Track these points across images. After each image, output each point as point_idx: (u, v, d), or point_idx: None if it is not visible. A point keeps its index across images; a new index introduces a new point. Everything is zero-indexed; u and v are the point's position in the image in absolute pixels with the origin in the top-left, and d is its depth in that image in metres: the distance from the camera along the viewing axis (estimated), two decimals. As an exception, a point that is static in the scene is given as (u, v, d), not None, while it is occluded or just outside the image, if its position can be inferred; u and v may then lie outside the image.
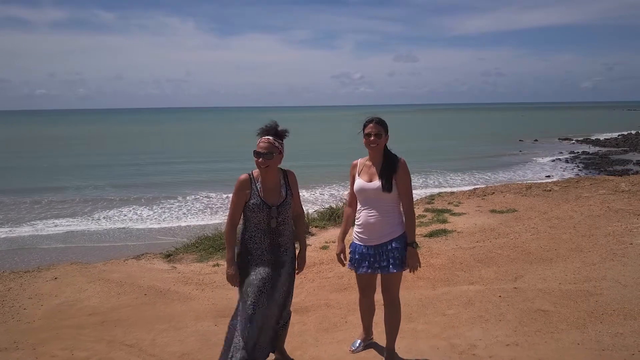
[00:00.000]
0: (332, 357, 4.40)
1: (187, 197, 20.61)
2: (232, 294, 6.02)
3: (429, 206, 10.59)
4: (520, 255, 7.07)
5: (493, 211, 9.84)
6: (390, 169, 3.91)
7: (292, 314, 5.17)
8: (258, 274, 3.82)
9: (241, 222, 3.99)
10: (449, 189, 16.50)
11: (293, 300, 5.35)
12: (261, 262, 3.85)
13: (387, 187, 3.86)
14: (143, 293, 6.22)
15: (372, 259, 3.99)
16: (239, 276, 3.86)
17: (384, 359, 4.26)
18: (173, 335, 5.02)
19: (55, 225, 15.93)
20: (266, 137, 3.81)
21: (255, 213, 3.80)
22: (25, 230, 15.47)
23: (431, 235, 8.24)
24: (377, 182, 3.89)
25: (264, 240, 3.86)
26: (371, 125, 3.93)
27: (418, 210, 10.24)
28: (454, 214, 9.71)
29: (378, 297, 4.26)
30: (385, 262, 3.95)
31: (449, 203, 10.85)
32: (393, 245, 3.93)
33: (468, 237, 8.08)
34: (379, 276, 4.15)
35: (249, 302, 3.78)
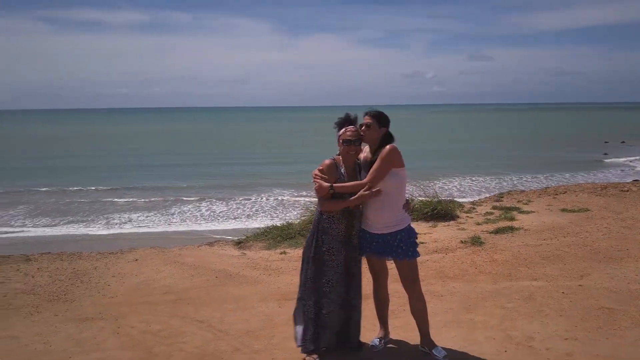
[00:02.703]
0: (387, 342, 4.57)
1: (261, 195, 21.09)
2: (297, 280, 6.30)
3: (497, 204, 10.45)
4: (588, 254, 6.91)
5: (564, 210, 9.59)
6: (374, 161, 4.08)
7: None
8: (334, 254, 4.17)
9: (317, 206, 4.28)
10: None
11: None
12: (336, 242, 4.17)
13: None
14: (214, 276, 6.63)
15: (374, 245, 4.19)
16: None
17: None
18: (240, 314, 5.35)
19: (130, 220, 16.85)
20: (350, 126, 4.14)
21: (339, 195, 4.06)
22: (109, 222, 16.54)
23: (497, 232, 8.17)
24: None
25: (342, 221, 4.16)
26: (366, 116, 4.15)
27: (486, 208, 10.15)
28: (522, 212, 9.55)
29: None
30: (389, 250, 4.15)
31: (518, 201, 10.66)
32: (398, 237, 4.12)
33: (535, 235, 7.96)
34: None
35: (324, 280, 4.17)
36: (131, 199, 20.36)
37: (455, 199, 11.18)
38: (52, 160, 34.55)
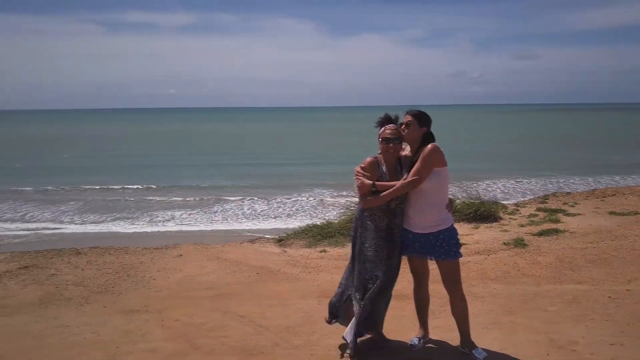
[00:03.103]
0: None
1: (302, 195, 21.19)
2: (336, 278, 6.35)
3: (542, 205, 10.24)
4: (637, 259, 6.71)
5: (612, 213, 9.32)
6: (416, 161, 4.07)
7: (393, 299, 5.40)
8: (377, 250, 4.18)
9: (358, 203, 4.31)
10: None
11: (395, 287, 5.57)
12: (378, 239, 4.18)
13: None
14: (255, 272, 6.75)
15: (417, 245, 4.20)
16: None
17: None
18: (280, 310, 5.44)
19: (173, 218, 17.23)
20: (390, 124, 4.16)
21: (380, 193, 4.07)
22: (153, 220, 16.99)
23: (541, 234, 8.01)
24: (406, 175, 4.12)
25: (383, 218, 4.18)
26: (405, 116, 4.17)
27: (530, 210, 9.96)
28: (568, 214, 9.33)
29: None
30: (431, 249, 4.15)
31: (563, 203, 10.42)
32: (440, 236, 4.12)
33: (581, 238, 7.77)
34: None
35: (367, 277, 4.19)
36: (175, 198, 20.78)
37: (498, 201, 10.99)
38: (103, 158, 35.65)
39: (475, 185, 21.55)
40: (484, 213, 8.98)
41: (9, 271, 6.70)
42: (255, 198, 20.25)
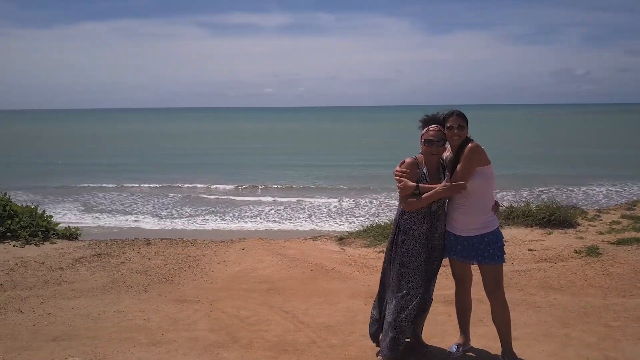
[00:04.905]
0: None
1: (391, 194, 20.98)
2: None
3: (628, 212, 9.43)
4: None
5: None
6: (458, 161, 3.87)
7: (440, 304, 5.25)
8: (413, 255, 4.06)
9: (399, 204, 4.20)
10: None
11: (444, 292, 5.40)
12: (416, 243, 4.05)
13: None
14: (310, 269, 6.78)
15: (459, 248, 4.02)
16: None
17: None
18: (325, 308, 5.44)
19: (260, 214, 17.72)
20: (434, 125, 3.99)
21: (420, 196, 3.95)
22: (241, 215, 17.60)
23: (620, 243, 7.38)
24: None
25: (424, 222, 4.04)
26: (452, 118, 3.91)
27: (613, 216, 9.23)
28: (656, 223, 8.54)
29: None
30: (474, 253, 3.96)
31: (654, 211, 9.56)
32: (485, 239, 3.93)
33: (665, 249, 7.09)
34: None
35: (403, 282, 4.07)
36: (266, 198, 21.26)
37: (578, 206, 10.25)
38: (204, 156, 37.37)
39: (578, 189, 20.40)
40: (558, 218, 8.40)
41: (83, 257, 7.22)
42: (344, 198, 20.45)
